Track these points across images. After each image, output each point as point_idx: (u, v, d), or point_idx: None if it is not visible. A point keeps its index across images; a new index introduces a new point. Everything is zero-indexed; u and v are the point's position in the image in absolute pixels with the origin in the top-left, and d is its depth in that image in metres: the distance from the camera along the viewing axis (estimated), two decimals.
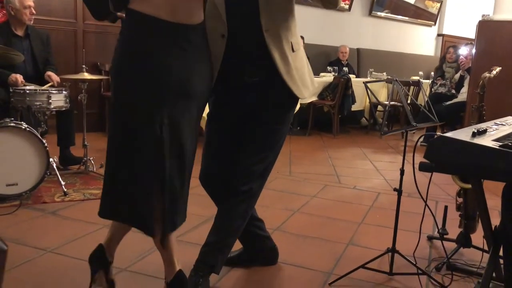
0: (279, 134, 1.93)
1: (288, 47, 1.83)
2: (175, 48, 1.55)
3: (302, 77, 1.90)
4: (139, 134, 1.56)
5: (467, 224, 2.36)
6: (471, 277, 2.18)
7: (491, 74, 2.23)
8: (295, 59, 1.86)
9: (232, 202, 1.91)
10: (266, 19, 1.76)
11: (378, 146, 5.74)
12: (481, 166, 1.30)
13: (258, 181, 1.94)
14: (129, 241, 2.42)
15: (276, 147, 1.95)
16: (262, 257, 2.22)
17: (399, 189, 2.10)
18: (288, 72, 1.82)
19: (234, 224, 1.93)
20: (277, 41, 1.79)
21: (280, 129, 1.93)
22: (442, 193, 3.59)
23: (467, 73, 5.70)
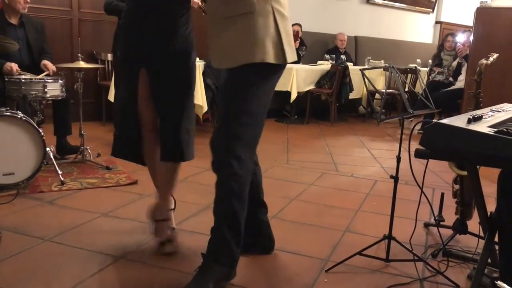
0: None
1: (220, 14, 1.85)
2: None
3: (228, 44, 1.84)
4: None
5: (463, 211, 2.38)
6: (467, 263, 2.19)
7: (488, 61, 2.22)
8: (224, 25, 1.83)
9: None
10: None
11: (376, 134, 5.75)
12: (476, 152, 1.30)
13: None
14: (127, 230, 2.44)
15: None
16: (260, 243, 2.22)
17: (396, 177, 2.10)
18: (212, 39, 1.89)
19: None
20: (212, 8, 1.89)
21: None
22: (439, 180, 3.60)
23: (464, 60, 5.69)
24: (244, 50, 1.81)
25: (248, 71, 1.82)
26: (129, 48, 2.12)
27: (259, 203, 2.21)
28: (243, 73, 1.83)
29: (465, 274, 2.09)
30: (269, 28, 1.82)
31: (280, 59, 1.86)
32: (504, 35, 4.80)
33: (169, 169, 2.24)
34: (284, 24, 1.87)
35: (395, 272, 2.09)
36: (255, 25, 1.80)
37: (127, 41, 2.14)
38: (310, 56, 6.88)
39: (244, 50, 1.81)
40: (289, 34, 1.89)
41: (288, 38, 1.88)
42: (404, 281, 2.00)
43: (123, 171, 3.45)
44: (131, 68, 2.11)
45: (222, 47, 1.85)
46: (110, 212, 2.65)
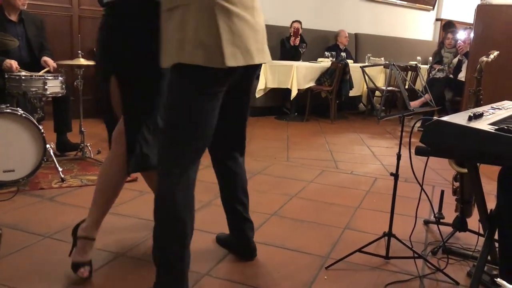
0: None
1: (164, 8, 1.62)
2: None
3: (167, 40, 1.62)
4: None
5: (463, 208, 2.38)
6: (466, 260, 2.19)
7: (488, 58, 2.22)
8: (164, 20, 1.63)
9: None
10: None
11: (376, 132, 5.75)
12: (477, 149, 1.31)
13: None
14: (128, 227, 2.44)
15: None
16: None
17: (396, 174, 2.10)
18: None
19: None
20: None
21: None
22: (438, 177, 3.60)
23: (465, 57, 5.68)
24: (175, 48, 1.58)
25: (178, 73, 1.61)
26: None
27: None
28: (172, 75, 1.64)
29: (465, 271, 2.09)
30: (206, 25, 1.55)
31: (215, 62, 1.56)
32: (504, 33, 4.79)
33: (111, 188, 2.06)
34: (230, 22, 1.58)
35: (395, 269, 2.09)
36: (188, 19, 1.55)
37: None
38: (310, 53, 6.87)
39: (175, 48, 1.58)
40: (236, 34, 1.60)
41: (233, 38, 1.58)
42: (404, 278, 2.00)
43: None
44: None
45: (162, 44, 1.64)
46: (110, 210, 2.64)
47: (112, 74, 1.80)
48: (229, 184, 2.11)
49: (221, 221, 2.49)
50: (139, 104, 1.83)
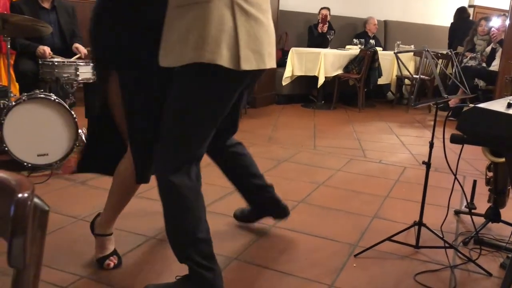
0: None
1: (172, 5, 1.53)
2: None
3: (177, 38, 1.51)
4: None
5: (497, 198, 2.32)
6: (499, 251, 2.15)
7: None
8: (174, 19, 1.53)
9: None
10: None
11: (404, 120, 5.66)
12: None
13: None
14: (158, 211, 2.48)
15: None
16: (268, 207, 2.25)
17: (428, 162, 2.06)
18: (164, 32, 1.56)
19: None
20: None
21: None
22: (470, 168, 3.53)
23: (499, 45, 5.51)
24: (192, 47, 1.47)
25: (194, 72, 1.52)
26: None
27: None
28: (185, 74, 1.54)
29: (497, 263, 2.05)
30: (226, 25, 1.49)
31: (234, 64, 1.50)
32: None
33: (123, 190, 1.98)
34: (247, 24, 1.52)
35: (425, 258, 2.07)
36: (208, 17, 1.46)
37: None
38: (338, 40, 6.78)
39: (192, 47, 1.47)
40: (253, 37, 1.54)
41: (250, 41, 1.53)
42: (434, 267, 1.98)
43: None
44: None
45: (168, 41, 1.53)
46: (140, 194, 2.69)
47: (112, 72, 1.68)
48: (240, 166, 2.13)
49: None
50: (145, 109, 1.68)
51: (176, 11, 1.52)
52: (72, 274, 1.79)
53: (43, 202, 0.65)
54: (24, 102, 2.86)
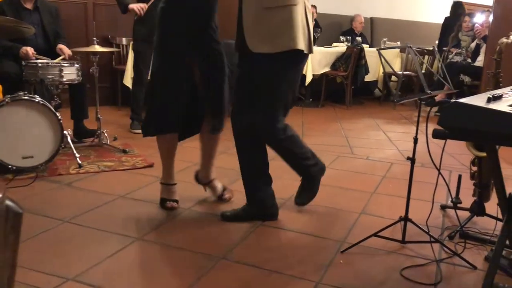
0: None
1: (258, 4, 2.09)
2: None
3: (266, 32, 2.10)
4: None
5: (481, 192, 2.35)
6: (484, 245, 2.17)
7: (508, 40, 2.17)
8: (263, 16, 2.10)
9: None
10: None
11: (392, 117, 5.69)
12: (496, 131, 1.28)
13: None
14: (144, 212, 2.47)
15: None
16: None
17: (412, 158, 2.08)
18: (248, 28, 2.12)
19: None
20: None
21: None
22: (455, 162, 3.56)
23: (483, 41, 5.56)
24: (283, 39, 2.09)
25: (283, 57, 2.12)
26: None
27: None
28: (277, 59, 2.12)
29: (482, 256, 2.08)
30: (303, 20, 2.15)
31: (309, 49, 2.20)
32: None
33: (212, 145, 2.58)
34: (309, 16, 2.18)
35: (411, 253, 2.08)
36: (294, 16, 2.09)
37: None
38: (325, 38, 6.79)
39: (283, 39, 2.09)
40: (310, 31, 2.20)
41: (310, 34, 2.19)
42: (420, 262, 2.00)
43: (139, 155, 3.48)
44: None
45: (261, 34, 2.10)
46: (127, 194, 2.68)
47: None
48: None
49: (236, 207, 2.50)
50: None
51: (265, 11, 2.08)
52: (57, 277, 1.78)
53: (16, 205, 0.64)
54: (8, 104, 2.83)
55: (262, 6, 2.07)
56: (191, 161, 3.37)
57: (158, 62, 2.34)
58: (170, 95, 2.31)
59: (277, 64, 2.15)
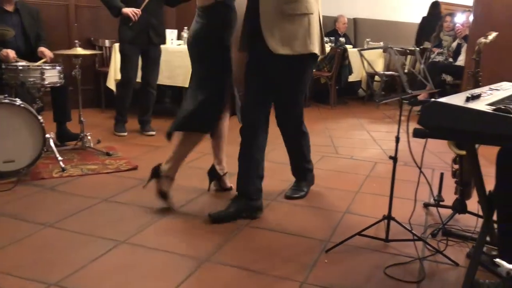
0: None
1: (277, 11, 2.34)
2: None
3: (287, 36, 2.36)
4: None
5: (463, 190, 2.38)
6: (466, 242, 2.20)
7: (486, 40, 2.21)
8: (284, 22, 2.35)
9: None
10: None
11: (375, 116, 5.74)
12: (475, 130, 1.30)
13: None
14: (128, 215, 2.45)
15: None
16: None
17: (395, 157, 2.10)
18: (269, 31, 2.35)
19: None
20: (269, 6, 2.35)
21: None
22: (438, 160, 3.60)
23: (464, 41, 5.64)
24: (302, 43, 2.37)
25: (301, 59, 2.42)
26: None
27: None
28: (297, 61, 2.41)
29: (464, 253, 2.11)
30: (318, 26, 2.47)
31: (322, 52, 2.52)
32: (503, 14, 4.75)
33: (223, 140, 2.76)
34: (321, 22, 2.50)
35: (394, 252, 2.11)
36: (312, 24, 2.40)
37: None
38: None
39: (302, 43, 2.37)
40: (323, 31, 2.54)
41: (323, 34, 2.54)
42: (404, 260, 2.02)
43: (123, 157, 3.45)
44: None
45: (282, 37, 2.34)
46: (111, 198, 2.66)
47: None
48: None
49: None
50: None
51: (286, 18, 2.34)
52: (39, 282, 1.76)
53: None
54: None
55: (283, 13, 2.33)
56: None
57: (209, 64, 2.50)
58: (221, 93, 2.53)
59: (296, 64, 2.43)
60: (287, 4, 2.33)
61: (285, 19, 2.34)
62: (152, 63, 4.19)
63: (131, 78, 4.12)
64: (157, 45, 4.17)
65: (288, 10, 2.34)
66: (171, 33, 4.95)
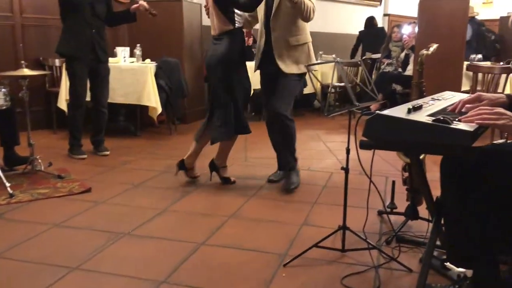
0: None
1: (286, 43, 3.14)
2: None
3: (294, 60, 3.16)
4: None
5: (414, 197, 2.45)
6: (419, 247, 2.27)
7: (428, 51, 2.30)
8: (290, 50, 3.15)
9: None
10: (274, 25, 3.14)
11: (331, 127, 5.84)
12: (416, 141, 1.35)
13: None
14: (81, 240, 2.37)
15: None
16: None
17: (346, 168, 2.15)
18: (280, 56, 3.14)
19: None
20: (279, 39, 3.15)
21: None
22: (391, 168, 3.70)
23: (411, 51, 5.87)
24: (303, 65, 3.08)
25: (299, 76, 3.22)
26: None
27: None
28: (300, 76, 3.23)
29: (417, 258, 2.16)
30: (311, 50, 3.26)
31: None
32: (446, 26, 4.98)
33: (229, 145, 3.36)
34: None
35: (351, 261, 2.14)
36: (310, 49, 3.24)
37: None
38: None
39: (303, 65, 3.08)
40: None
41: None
42: (360, 269, 2.05)
43: (76, 179, 3.35)
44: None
45: (290, 61, 3.14)
46: (63, 223, 2.57)
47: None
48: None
49: (177, 228, 2.47)
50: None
51: (292, 47, 3.14)
52: None
53: None
54: None
55: (290, 44, 3.12)
56: (132, 183, 3.30)
57: (228, 80, 3.11)
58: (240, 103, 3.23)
59: (300, 79, 3.27)
60: (292, 37, 3.12)
61: (291, 48, 3.13)
62: (102, 81, 4.10)
63: (82, 97, 4.02)
64: (105, 62, 4.10)
65: (293, 42, 3.12)
66: (123, 51, 4.89)
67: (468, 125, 1.31)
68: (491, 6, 10.14)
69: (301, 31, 3.16)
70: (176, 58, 5.17)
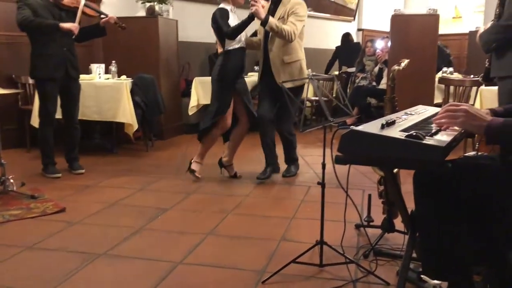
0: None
1: (281, 61, 3.78)
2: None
3: (289, 75, 3.75)
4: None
5: (390, 210, 2.48)
6: (396, 260, 2.28)
7: (399, 67, 2.35)
8: (285, 66, 3.78)
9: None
10: (271, 47, 3.79)
11: (309, 141, 5.88)
12: (389, 156, 1.37)
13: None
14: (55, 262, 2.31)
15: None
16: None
17: (322, 182, 2.16)
18: (277, 72, 3.77)
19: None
20: (275, 57, 3.79)
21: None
22: (368, 181, 3.74)
23: (385, 65, 5.99)
24: (296, 79, 3.66)
25: (297, 87, 3.69)
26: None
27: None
28: (294, 88, 3.55)
29: (394, 271, 2.18)
30: (305, 66, 3.90)
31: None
32: (417, 41, 5.11)
33: (236, 143, 4.06)
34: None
35: (329, 276, 2.14)
36: (302, 65, 3.86)
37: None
38: None
39: (296, 79, 3.66)
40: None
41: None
42: (338, 284, 2.05)
43: (49, 199, 3.28)
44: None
45: (285, 76, 3.71)
46: (35, 245, 2.51)
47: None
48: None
49: (154, 247, 2.43)
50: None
51: (286, 64, 3.76)
52: None
53: None
54: None
55: (284, 62, 3.74)
56: (107, 201, 3.25)
57: (223, 93, 3.80)
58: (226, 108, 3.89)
59: (295, 91, 3.51)
60: (286, 55, 3.75)
61: (286, 65, 3.76)
62: (73, 98, 4.04)
63: (53, 115, 3.94)
64: (76, 79, 4.04)
65: (287, 60, 3.75)
66: (98, 67, 4.85)
67: (440, 141, 1.34)
68: (461, 21, 10.47)
69: (293, 50, 3.78)
70: (153, 74, 5.14)
